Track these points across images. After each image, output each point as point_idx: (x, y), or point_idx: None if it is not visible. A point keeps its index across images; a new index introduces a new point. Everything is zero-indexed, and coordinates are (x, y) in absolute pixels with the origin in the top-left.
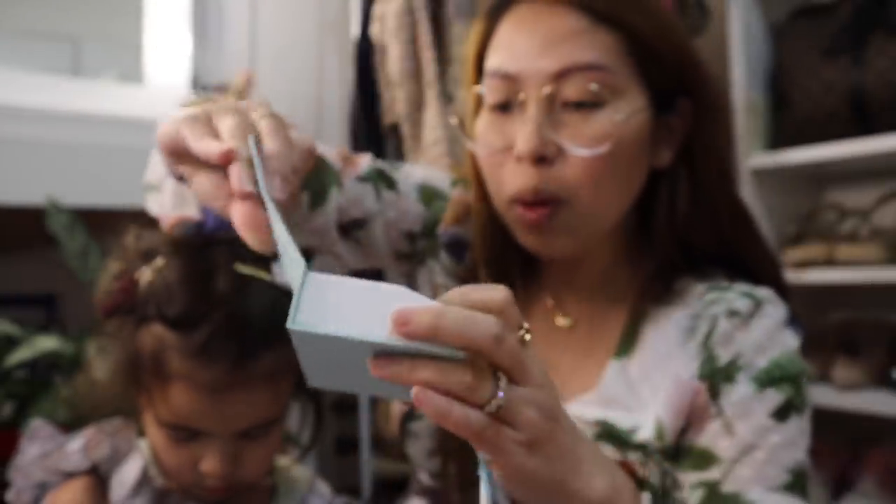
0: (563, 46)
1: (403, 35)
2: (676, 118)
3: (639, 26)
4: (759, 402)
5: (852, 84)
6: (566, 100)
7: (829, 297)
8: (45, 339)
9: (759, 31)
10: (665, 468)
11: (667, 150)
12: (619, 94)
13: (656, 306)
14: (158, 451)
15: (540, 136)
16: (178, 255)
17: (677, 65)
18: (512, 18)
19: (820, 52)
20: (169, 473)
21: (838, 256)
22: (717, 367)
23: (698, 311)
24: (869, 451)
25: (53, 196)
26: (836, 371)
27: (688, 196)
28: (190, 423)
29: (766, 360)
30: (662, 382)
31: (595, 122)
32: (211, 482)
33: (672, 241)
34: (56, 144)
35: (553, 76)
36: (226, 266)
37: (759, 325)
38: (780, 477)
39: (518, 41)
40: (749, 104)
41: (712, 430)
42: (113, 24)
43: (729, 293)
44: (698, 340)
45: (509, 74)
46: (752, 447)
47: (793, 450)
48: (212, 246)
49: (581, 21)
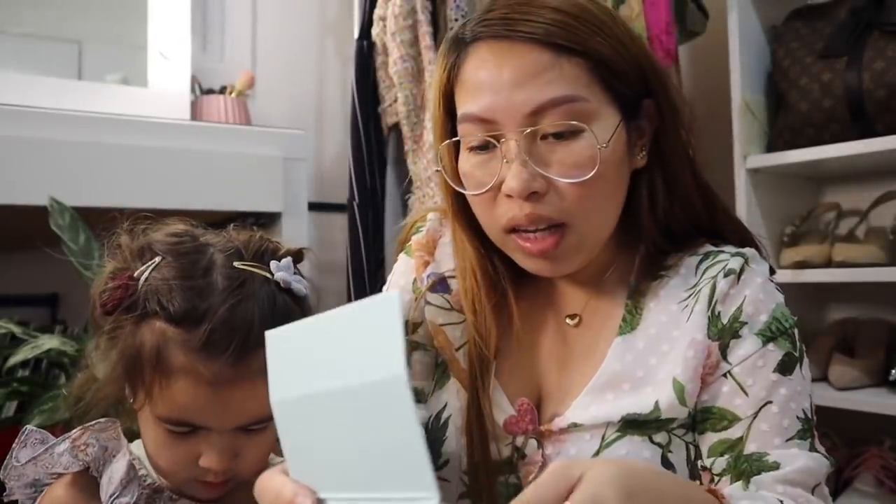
0: (533, 84)
1: (404, 36)
2: (645, 121)
3: (599, 50)
4: (763, 358)
5: (849, 85)
6: (545, 133)
7: (826, 298)
8: (48, 338)
9: (757, 32)
10: (688, 442)
11: (642, 151)
12: (594, 117)
13: (653, 282)
14: (157, 448)
15: (528, 174)
16: (175, 253)
17: (639, 73)
18: (474, 59)
19: (817, 53)
20: (167, 469)
21: (836, 257)
22: (723, 325)
23: (696, 279)
24: (866, 450)
25: (56, 196)
26: (833, 371)
27: (664, 189)
28: (191, 418)
29: (766, 314)
30: (671, 349)
31: (577, 150)
32: (210, 477)
33: (657, 229)
34: (60, 145)
35: (529, 115)
36: (223, 263)
37: (751, 280)
38: (794, 426)
39: (487, 83)
40: (747, 105)
41: (726, 389)
42: (116, 27)
43: (721, 255)
44: (703, 304)
45: (485, 118)
46: (766, 402)
47: (800, 399)
48: (208, 245)
49: (544, 55)
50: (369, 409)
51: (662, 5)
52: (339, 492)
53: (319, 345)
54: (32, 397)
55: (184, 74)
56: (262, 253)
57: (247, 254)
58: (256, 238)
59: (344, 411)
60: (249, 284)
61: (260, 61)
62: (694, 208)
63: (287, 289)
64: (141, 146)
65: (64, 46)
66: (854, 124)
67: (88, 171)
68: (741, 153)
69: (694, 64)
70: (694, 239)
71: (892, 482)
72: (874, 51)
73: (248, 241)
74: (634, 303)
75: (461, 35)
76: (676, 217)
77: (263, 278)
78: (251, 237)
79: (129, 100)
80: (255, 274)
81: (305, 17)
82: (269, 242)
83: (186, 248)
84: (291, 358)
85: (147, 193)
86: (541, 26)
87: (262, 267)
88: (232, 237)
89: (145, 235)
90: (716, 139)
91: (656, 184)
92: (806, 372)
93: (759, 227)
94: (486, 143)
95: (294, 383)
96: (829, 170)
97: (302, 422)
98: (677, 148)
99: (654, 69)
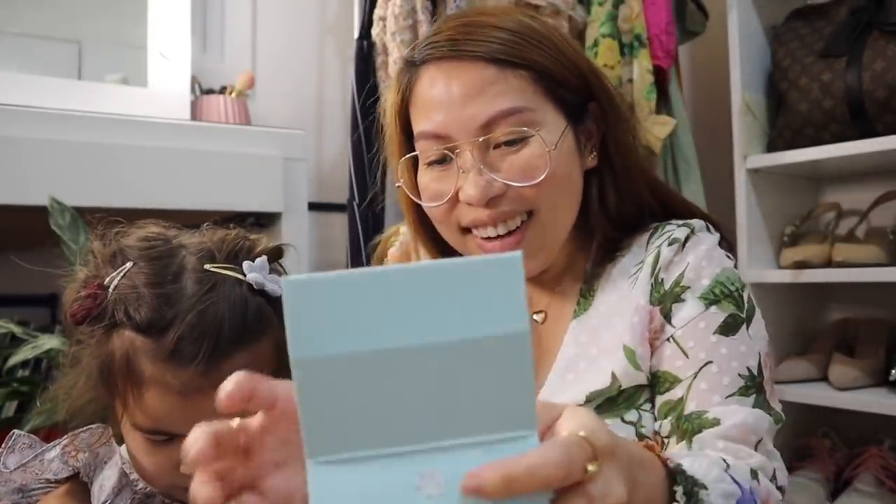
0: (481, 99)
1: (404, 36)
2: (591, 123)
3: (541, 62)
4: (705, 321)
5: (849, 85)
6: (497, 142)
7: (826, 298)
8: (48, 338)
9: (757, 32)
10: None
11: (592, 152)
12: (541, 124)
13: (608, 265)
14: (138, 455)
15: (484, 181)
16: (146, 258)
17: (581, 79)
18: (425, 79)
19: (817, 53)
20: (149, 477)
21: (836, 257)
22: (666, 290)
23: (644, 253)
24: (866, 450)
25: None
26: (833, 371)
27: (613, 186)
28: (165, 426)
29: (709, 279)
30: (622, 321)
31: (527, 154)
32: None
33: (609, 223)
34: (60, 145)
35: (480, 128)
36: (194, 266)
37: (695, 248)
38: (735, 383)
39: (438, 101)
40: (747, 105)
41: (668, 352)
42: (116, 27)
43: (668, 227)
44: (647, 271)
45: (439, 134)
46: (706, 362)
47: (743, 358)
48: (181, 248)
49: (488, 71)
50: (478, 361)
51: (662, 5)
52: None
53: (399, 296)
54: (32, 397)
55: (184, 74)
56: (236, 253)
57: (220, 255)
58: (231, 237)
59: (434, 364)
60: (220, 287)
61: (260, 61)
62: (644, 201)
63: (261, 290)
64: (141, 146)
65: (64, 46)
66: (854, 124)
67: (88, 171)
68: (741, 153)
69: (694, 64)
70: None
71: (892, 482)
72: (874, 51)
73: (223, 240)
74: (588, 287)
75: (411, 59)
76: (628, 211)
77: (235, 280)
78: (226, 236)
79: (129, 100)
80: (226, 276)
81: (305, 17)
82: (246, 241)
83: (157, 252)
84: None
85: (147, 193)
86: (484, 44)
87: (234, 268)
88: (207, 237)
89: (117, 240)
90: (716, 139)
91: (605, 181)
92: (755, 332)
93: (760, 227)
94: (443, 156)
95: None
96: (829, 170)
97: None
98: (620, 148)
99: (592, 71)
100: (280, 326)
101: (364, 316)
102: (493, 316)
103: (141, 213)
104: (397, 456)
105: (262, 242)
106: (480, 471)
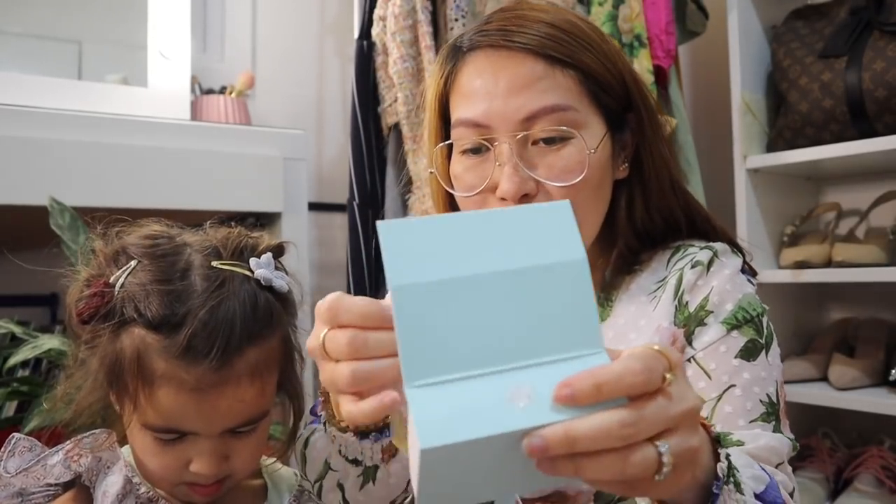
0: (527, 92)
1: (404, 36)
2: (628, 134)
3: (589, 64)
4: (725, 344)
5: (849, 85)
6: (536, 139)
7: (826, 298)
8: (48, 338)
9: (757, 32)
10: None
11: (624, 163)
12: (583, 126)
13: (626, 276)
14: (145, 456)
15: (520, 177)
16: (151, 256)
17: (624, 88)
18: (471, 67)
19: (817, 53)
20: (156, 477)
21: (836, 257)
22: (689, 313)
23: (666, 273)
24: (866, 450)
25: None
26: (833, 371)
27: (642, 200)
28: (178, 424)
29: (732, 303)
30: (638, 337)
31: (566, 156)
32: (202, 481)
33: (633, 234)
34: (60, 145)
35: (522, 121)
36: (201, 263)
37: (719, 272)
38: (758, 409)
39: (483, 90)
40: (747, 105)
41: (690, 374)
42: (116, 27)
43: (690, 249)
44: (670, 293)
45: (479, 123)
46: (729, 385)
47: (763, 384)
48: (185, 245)
49: (538, 66)
50: (546, 286)
51: (662, 5)
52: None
53: (474, 235)
54: (32, 397)
55: (184, 74)
56: (241, 250)
57: (225, 252)
58: (234, 234)
59: (510, 290)
60: (229, 284)
61: (260, 61)
62: (673, 216)
63: (268, 286)
64: (141, 146)
65: (64, 46)
66: (854, 124)
67: (88, 171)
68: (741, 153)
69: (694, 64)
70: (671, 239)
71: (892, 482)
72: (874, 51)
73: (227, 238)
74: (606, 295)
75: (458, 44)
76: (655, 225)
77: (243, 276)
78: (229, 234)
79: (129, 100)
80: (234, 273)
81: (305, 17)
82: (248, 238)
83: (162, 250)
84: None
85: (147, 193)
86: (536, 38)
87: (241, 265)
88: (209, 235)
89: (119, 239)
90: (716, 139)
91: (635, 194)
92: (773, 359)
93: (759, 227)
94: (479, 146)
95: (427, 268)
96: (829, 170)
97: (437, 304)
98: (657, 161)
99: (635, 81)
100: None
101: (447, 250)
102: (554, 248)
103: (141, 213)
104: (486, 376)
105: (264, 240)
106: (572, 380)
